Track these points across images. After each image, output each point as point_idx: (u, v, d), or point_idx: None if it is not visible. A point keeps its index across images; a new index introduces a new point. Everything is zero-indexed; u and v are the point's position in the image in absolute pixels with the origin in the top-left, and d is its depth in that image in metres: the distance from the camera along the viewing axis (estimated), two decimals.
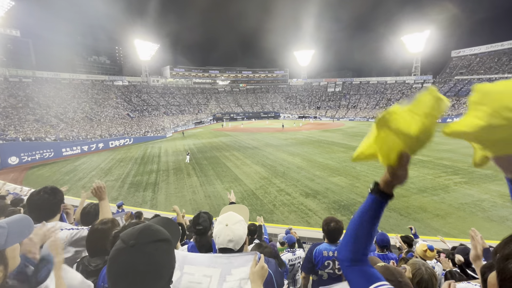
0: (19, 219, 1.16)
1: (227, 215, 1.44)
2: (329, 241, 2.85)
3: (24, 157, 24.93)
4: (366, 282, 0.78)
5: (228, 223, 1.39)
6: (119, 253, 0.81)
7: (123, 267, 0.78)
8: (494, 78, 57.38)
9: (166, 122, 52.93)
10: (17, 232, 1.12)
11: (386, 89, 74.78)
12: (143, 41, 70.30)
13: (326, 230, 2.83)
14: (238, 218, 1.43)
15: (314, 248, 2.84)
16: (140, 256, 0.80)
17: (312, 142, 29.82)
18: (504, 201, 11.31)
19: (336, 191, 13.41)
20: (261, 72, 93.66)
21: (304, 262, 2.96)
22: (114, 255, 0.81)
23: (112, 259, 0.81)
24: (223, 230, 1.37)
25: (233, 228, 1.38)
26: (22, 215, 1.20)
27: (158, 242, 0.85)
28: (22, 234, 1.15)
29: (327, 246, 2.80)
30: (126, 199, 13.92)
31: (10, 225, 1.09)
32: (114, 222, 1.90)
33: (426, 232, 9.10)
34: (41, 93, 47.04)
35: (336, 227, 2.78)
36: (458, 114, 50.30)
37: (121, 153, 28.71)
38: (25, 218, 1.18)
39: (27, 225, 1.18)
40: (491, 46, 65.24)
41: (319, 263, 2.74)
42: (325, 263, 2.73)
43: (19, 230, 1.13)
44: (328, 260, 2.72)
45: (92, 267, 1.68)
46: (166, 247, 0.87)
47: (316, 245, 2.89)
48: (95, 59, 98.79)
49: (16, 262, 1.17)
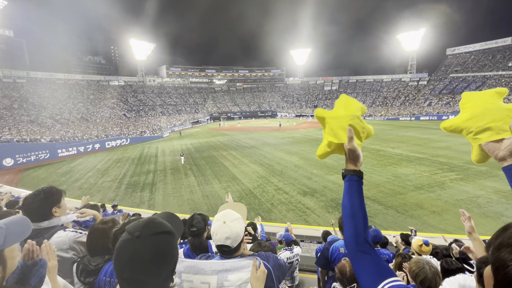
0: (18, 219, 1.17)
1: (224, 213, 1.45)
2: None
3: (19, 158, 24.66)
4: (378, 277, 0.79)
5: (225, 220, 1.40)
6: (125, 243, 0.85)
7: (129, 256, 0.82)
8: (488, 76, 58.02)
9: (163, 122, 52.70)
10: (15, 233, 1.13)
11: (382, 87, 75.15)
12: (139, 41, 69.75)
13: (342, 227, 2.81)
14: (235, 216, 1.44)
15: (331, 245, 2.85)
16: (145, 245, 0.84)
17: (309, 141, 29.92)
18: (499, 197, 11.46)
19: (333, 189, 13.48)
20: (258, 71, 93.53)
21: (319, 257, 2.98)
22: (121, 246, 0.85)
23: (119, 249, 0.85)
24: (221, 227, 1.38)
25: (230, 226, 1.38)
26: (21, 216, 1.20)
27: (162, 234, 0.89)
28: (20, 234, 1.16)
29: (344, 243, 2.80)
30: (123, 200, 13.86)
31: (8, 226, 1.09)
32: (114, 221, 1.91)
33: (423, 228, 9.19)
34: (36, 93, 46.52)
35: None
36: (453, 112, 50.79)
37: (117, 154, 28.55)
38: (23, 219, 1.19)
39: (26, 225, 1.19)
40: (485, 44, 65.82)
41: (336, 260, 2.74)
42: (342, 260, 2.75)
43: (17, 230, 1.14)
44: (345, 257, 2.74)
45: (92, 267, 1.68)
46: (170, 239, 0.91)
47: (333, 242, 2.90)
48: (90, 59, 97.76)
49: (14, 263, 1.17)
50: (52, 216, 1.92)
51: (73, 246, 1.90)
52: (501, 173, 3.47)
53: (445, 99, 57.66)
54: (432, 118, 51.46)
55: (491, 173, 14.65)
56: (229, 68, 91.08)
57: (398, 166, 17.16)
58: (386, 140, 28.01)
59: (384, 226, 9.29)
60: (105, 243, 1.72)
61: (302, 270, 5.18)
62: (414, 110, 57.91)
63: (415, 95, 64.99)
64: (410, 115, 55.09)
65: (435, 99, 59.54)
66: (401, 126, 41.74)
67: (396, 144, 25.21)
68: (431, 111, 54.81)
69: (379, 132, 34.92)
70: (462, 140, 25.44)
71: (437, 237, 7.40)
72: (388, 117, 57.35)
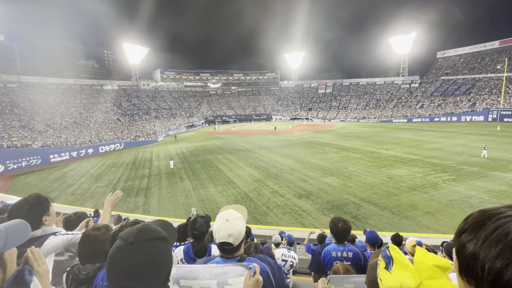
0: (17, 223, 1.19)
1: (227, 212, 1.48)
2: (337, 242, 2.83)
3: (10, 164, 24.14)
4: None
5: (228, 218, 1.42)
6: (119, 250, 0.83)
7: (122, 263, 0.81)
8: (478, 78, 59.32)
9: (157, 126, 52.32)
10: (15, 236, 1.15)
11: (375, 90, 76.14)
12: (133, 45, 69.41)
13: (334, 231, 2.80)
14: (237, 215, 1.47)
15: (323, 249, 2.83)
16: (139, 252, 0.82)
17: (304, 144, 30.04)
18: (490, 197, 11.65)
19: (329, 192, 13.52)
20: (253, 74, 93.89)
21: (312, 262, 2.96)
22: (114, 252, 0.83)
23: (112, 256, 0.83)
24: (224, 225, 1.40)
25: (233, 224, 1.41)
26: (20, 220, 1.22)
27: (156, 240, 0.87)
28: (19, 238, 1.18)
29: (336, 247, 2.79)
30: (117, 205, 13.62)
31: (8, 229, 1.12)
32: (107, 228, 1.87)
33: (417, 229, 9.27)
34: (27, 98, 45.80)
35: (345, 227, 2.75)
36: (445, 114, 51.72)
37: (111, 158, 28.18)
38: (22, 223, 1.21)
39: (24, 229, 1.21)
40: (474, 47, 67.43)
41: (328, 264, 2.73)
42: (333, 263, 2.74)
43: (17, 234, 1.16)
44: (337, 260, 2.73)
45: (82, 275, 1.63)
46: (164, 245, 0.89)
47: (324, 246, 2.88)
48: (83, 63, 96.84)
49: (13, 266, 1.19)
50: (42, 225, 1.88)
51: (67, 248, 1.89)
52: (492, 174, 3.58)
53: (437, 101, 58.70)
54: (425, 120, 52.28)
55: (483, 173, 14.91)
56: (224, 71, 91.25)
57: (392, 167, 17.33)
58: (380, 142, 28.31)
59: (379, 228, 9.34)
60: (96, 250, 1.69)
61: (297, 273, 5.16)
62: (406, 112, 58.78)
63: (407, 98, 66.01)
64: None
65: (427, 101, 60.56)
66: (394, 128, 42.26)
67: (389, 146, 25.49)
68: (423, 113, 55.70)
69: (373, 135, 35.27)
70: (454, 142, 25.87)
71: (432, 237, 7.47)
72: (382, 119, 58.05)
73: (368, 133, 36.75)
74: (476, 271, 0.49)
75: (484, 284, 0.48)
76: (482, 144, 21.20)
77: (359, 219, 10.26)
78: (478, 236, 0.51)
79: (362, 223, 9.88)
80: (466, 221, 0.58)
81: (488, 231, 0.50)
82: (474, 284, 0.50)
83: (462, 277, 0.54)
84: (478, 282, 0.49)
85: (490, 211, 0.54)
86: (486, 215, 0.53)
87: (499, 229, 0.49)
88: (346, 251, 2.75)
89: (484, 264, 0.48)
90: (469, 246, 0.51)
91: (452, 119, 49.58)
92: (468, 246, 0.52)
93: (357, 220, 10.17)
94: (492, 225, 0.50)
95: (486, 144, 20.51)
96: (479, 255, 0.49)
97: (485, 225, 0.51)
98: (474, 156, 19.17)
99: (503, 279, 0.44)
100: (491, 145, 22.10)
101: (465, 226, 0.56)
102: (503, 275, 0.44)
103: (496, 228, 0.49)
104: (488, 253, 0.47)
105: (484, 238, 0.50)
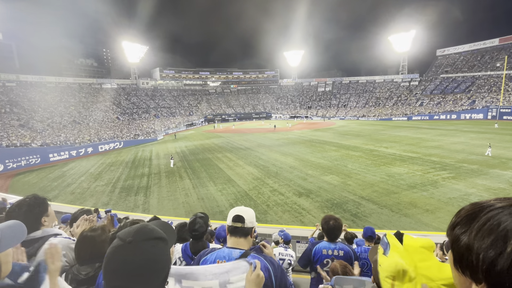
0: (12, 224, 1.17)
1: (238, 208, 1.64)
2: (329, 239, 2.84)
3: (9, 163, 24.11)
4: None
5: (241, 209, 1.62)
6: (117, 249, 0.82)
7: (120, 263, 0.80)
8: (477, 76, 59.27)
9: (157, 125, 52.26)
10: (10, 237, 1.12)
11: (375, 88, 76.04)
12: (132, 43, 69.10)
13: (325, 229, 2.82)
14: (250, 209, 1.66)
15: (314, 246, 2.84)
16: (137, 252, 0.81)
17: (304, 142, 30.04)
18: (489, 194, 11.68)
19: (328, 190, 13.54)
20: (252, 73, 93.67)
21: (302, 257, 2.96)
22: (112, 252, 0.83)
23: (109, 256, 0.82)
24: (237, 208, 1.61)
25: (246, 209, 1.62)
26: (15, 221, 1.20)
27: (154, 240, 0.86)
28: (15, 239, 1.16)
29: (327, 245, 2.80)
30: (117, 204, 13.66)
31: (3, 231, 1.09)
32: (104, 229, 1.86)
33: (417, 227, 9.30)
34: (26, 97, 45.62)
35: (336, 224, 2.77)
36: (444, 111, 51.72)
37: (111, 157, 28.17)
38: (18, 224, 1.19)
39: (20, 230, 1.19)
40: (473, 45, 67.28)
41: (318, 261, 2.74)
42: (324, 261, 2.74)
43: (12, 235, 1.14)
44: (327, 258, 2.73)
45: (82, 276, 1.63)
46: (162, 245, 0.89)
47: (316, 243, 2.89)
48: (82, 62, 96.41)
49: (8, 267, 1.17)
50: (42, 226, 1.87)
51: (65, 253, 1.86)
52: (491, 171, 3.58)
53: (436, 99, 58.67)
54: (424, 118, 52.27)
55: (482, 171, 14.93)
56: (223, 70, 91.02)
57: (391, 165, 17.35)
58: (379, 140, 28.32)
59: (379, 225, 9.36)
60: (93, 251, 1.68)
61: (296, 271, 5.18)
62: (406, 110, 58.76)
63: (407, 96, 65.95)
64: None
65: (426, 99, 60.53)
66: (394, 126, 42.27)
67: (389, 144, 25.51)
68: (423, 111, 55.67)
69: (373, 133, 35.29)
70: (454, 140, 25.90)
71: (431, 235, 7.50)
72: (381, 118, 58.05)
73: (367, 131, 36.76)
74: (471, 261, 0.51)
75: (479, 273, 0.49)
76: (482, 142, 21.24)
77: (358, 217, 10.28)
78: (471, 228, 0.53)
79: (361, 221, 9.90)
80: (459, 214, 0.60)
81: (480, 222, 0.52)
82: (469, 274, 0.52)
83: (457, 268, 0.56)
84: (473, 272, 0.51)
85: (482, 204, 0.56)
86: (477, 208, 0.56)
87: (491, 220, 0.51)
88: (337, 249, 2.76)
89: (478, 254, 0.49)
90: (463, 238, 0.54)
91: (451, 117, 49.57)
92: (462, 238, 0.54)
93: (357, 218, 10.19)
94: (484, 217, 0.52)
95: (490, 142, 20.43)
96: (473, 246, 0.51)
97: (477, 217, 0.54)
98: (473, 154, 19.19)
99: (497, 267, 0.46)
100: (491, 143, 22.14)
101: (458, 219, 0.58)
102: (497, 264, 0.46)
103: (488, 220, 0.51)
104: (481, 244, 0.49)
105: (477, 229, 0.52)
